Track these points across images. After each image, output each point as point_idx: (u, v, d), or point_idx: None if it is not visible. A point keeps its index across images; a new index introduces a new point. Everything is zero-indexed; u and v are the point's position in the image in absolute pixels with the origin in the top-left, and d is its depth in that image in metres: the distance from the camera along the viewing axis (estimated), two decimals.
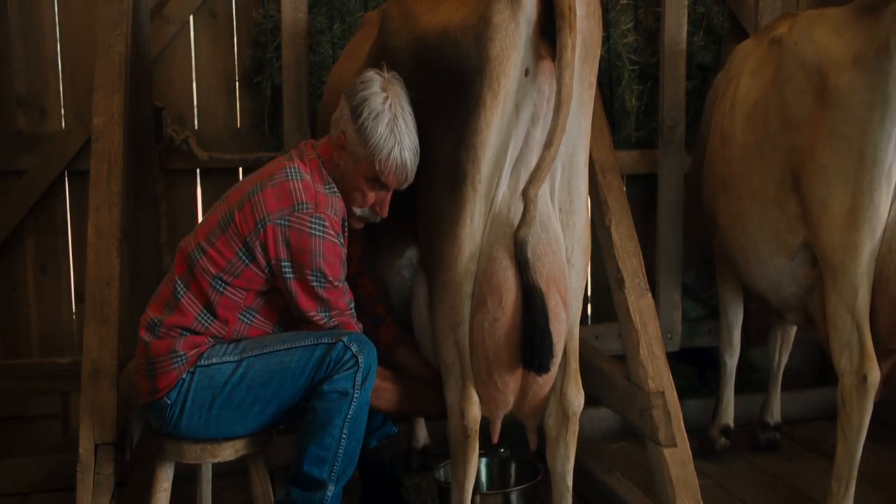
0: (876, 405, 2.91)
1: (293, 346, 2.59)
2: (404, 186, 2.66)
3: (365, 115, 2.56)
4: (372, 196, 2.66)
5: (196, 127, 4.22)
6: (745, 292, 3.75)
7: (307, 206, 2.56)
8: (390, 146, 2.55)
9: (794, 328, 3.97)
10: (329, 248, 2.57)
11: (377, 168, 2.58)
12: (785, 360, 4.01)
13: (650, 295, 3.12)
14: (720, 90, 3.75)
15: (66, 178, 4.10)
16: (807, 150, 2.95)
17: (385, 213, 2.70)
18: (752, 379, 4.53)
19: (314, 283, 2.57)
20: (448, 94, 2.50)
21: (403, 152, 2.57)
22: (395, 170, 2.59)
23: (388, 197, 2.69)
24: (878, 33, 2.72)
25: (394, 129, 2.55)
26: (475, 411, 2.59)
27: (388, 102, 2.56)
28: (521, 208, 2.43)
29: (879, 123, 2.72)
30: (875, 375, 2.79)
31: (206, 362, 2.59)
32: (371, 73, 2.63)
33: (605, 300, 4.38)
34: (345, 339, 2.56)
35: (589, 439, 4.00)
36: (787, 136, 3.06)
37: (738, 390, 4.06)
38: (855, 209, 2.79)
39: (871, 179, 2.76)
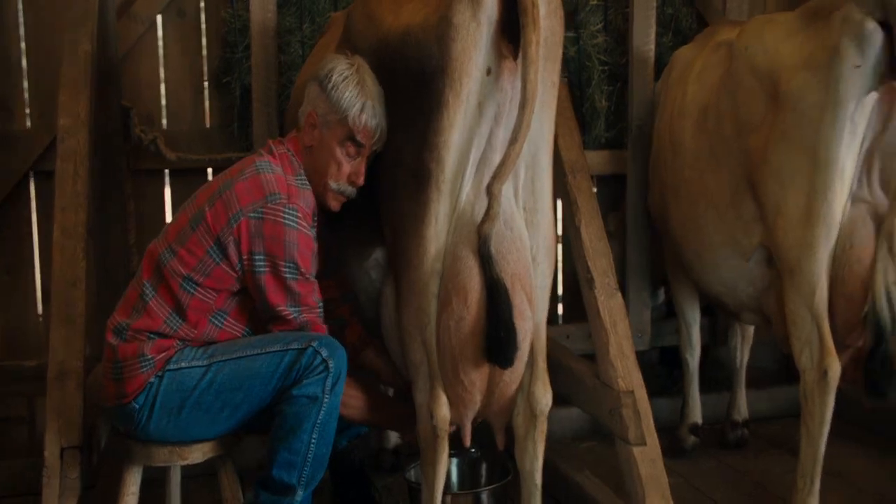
0: (841, 403, 2.95)
1: (262, 350, 2.57)
2: (377, 148, 2.68)
3: (334, 80, 2.61)
4: (347, 166, 2.67)
5: (165, 127, 4.19)
6: (701, 294, 3.79)
7: (280, 197, 2.57)
8: (362, 101, 2.59)
9: (753, 326, 4.02)
10: (302, 239, 2.58)
11: (350, 125, 2.61)
12: (746, 357, 4.06)
13: (620, 294, 3.14)
14: (660, 97, 3.81)
15: (32, 179, 4.05)
16: (761, 153, 2.99)
17: (361, 181, 2.71)
18: (720, 377, 4.57)
19: (287, 275, 2.56)
20: (411, 94, 2.52)
21: (375, 107, 2.61)
22: (368, 125, 2.61)
23: (363, 165, 2.70)
24: (829, 37, 2.77)
25: (363, 87, 2.60)
26: (444, 412, 2.60)
27: (355, 67, 2.63)
28: (486, 206, 2.44)
29: (832, 125, 2.77)
30: (836, 370, 2.83)
31: (175, 366, 2.57)
32: (334, 55, 2.71)
33: (576, 300, 4.40)
34: (315, 343, 2.55)
35: (559, 439, 4.02)
36: (741, 139, 3.11)
37: (707, 389, 4.11)
38: (810, 209, 2.84)
39: (824, 180, 2.80)
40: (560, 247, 4.17)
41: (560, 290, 4.67)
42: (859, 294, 2.87)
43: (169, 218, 4.14)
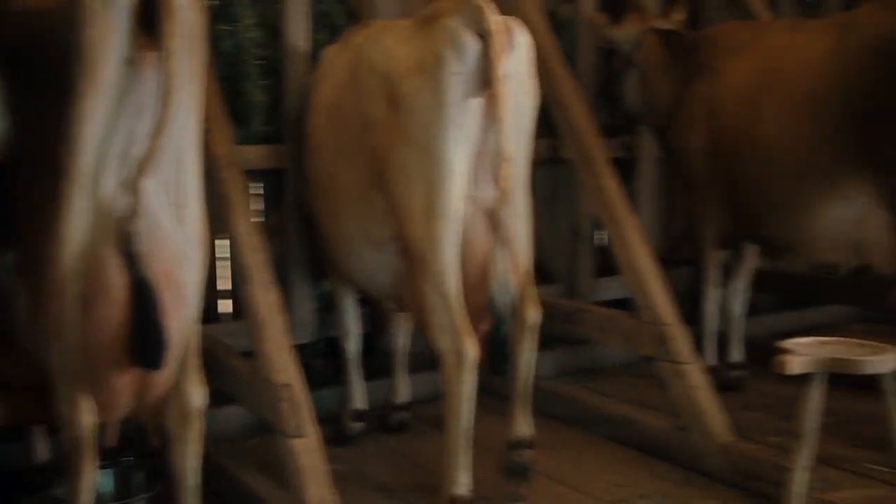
0: (485, 379, 3.18)
1: None
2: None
3: None
4: None
5: None
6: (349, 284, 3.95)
7: None
8: None
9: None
10: None
11: None
12: (405, 342, 4.23)
13: (276, 288, 3.15)
14: (309, 94, 3.92)
15: None
16: (385, 151, 3.16)
17: None
18: (386, 364, 4.74)
19: None
20: (45, 84, 2.37)
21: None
22: None
23: None
24: (434, 45, 2.99)
25: None
26: (88, 419, 2.45)
27: None
28: (128, 202, 2.36)
29: (441, 126, 2.98)
30: (472, 350, 3.02)
31: None
32: None
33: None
34: None
35: (225, 437, 3.95)
36: (368, 137, 3.26)
37: (375, 375, 4.23)
38: (431, 205, 3.03)
39: (440, 178, 3.00)
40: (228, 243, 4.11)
41: (229, 287, 4.60)
42: (480, 283, 3.10)
43: None
